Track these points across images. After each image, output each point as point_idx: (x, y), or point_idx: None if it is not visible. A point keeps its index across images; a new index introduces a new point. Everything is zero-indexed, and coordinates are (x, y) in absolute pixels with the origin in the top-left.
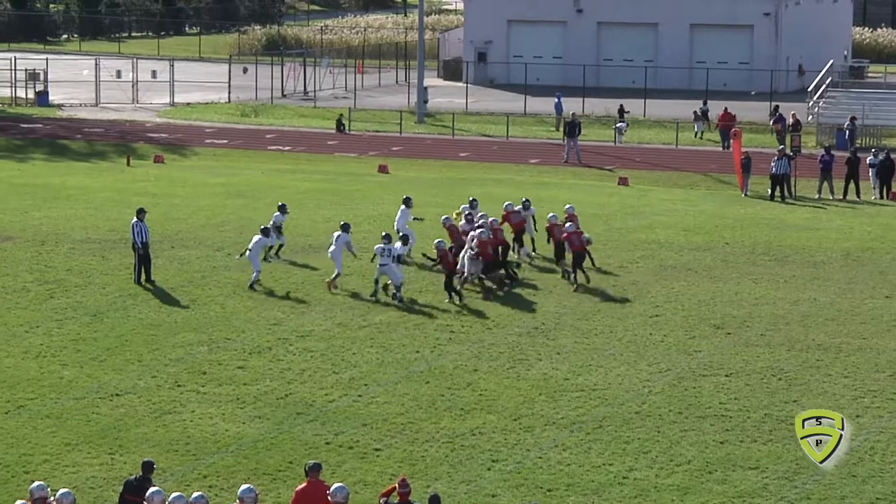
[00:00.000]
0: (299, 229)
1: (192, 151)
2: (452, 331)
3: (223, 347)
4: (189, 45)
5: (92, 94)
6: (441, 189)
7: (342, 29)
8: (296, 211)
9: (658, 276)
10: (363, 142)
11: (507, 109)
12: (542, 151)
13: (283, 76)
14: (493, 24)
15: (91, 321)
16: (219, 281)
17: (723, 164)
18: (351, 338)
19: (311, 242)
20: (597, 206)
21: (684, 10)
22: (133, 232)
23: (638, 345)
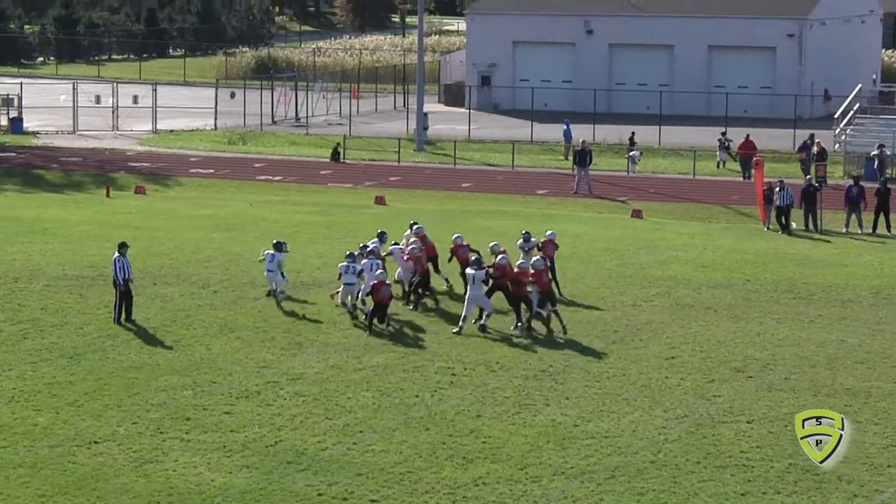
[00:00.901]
0: (290, 265)
1: (176, 182)
2: (454, 373)
3: (209, 392)
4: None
5: (69, 121)
6: (442, 222)
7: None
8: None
9: (674, 315)
10: (359, 171)
11: (513, 137)
12: (550, 182)
13: (273, 101)
14: (497, 45)
15: (67, 364)
16: (204, 320)
17: (744, 196)
18: (345, 381)
19: (304, 279)
20: (609, 240)
21: (702, 31)
22: (115, 267)
23: (653, 389)
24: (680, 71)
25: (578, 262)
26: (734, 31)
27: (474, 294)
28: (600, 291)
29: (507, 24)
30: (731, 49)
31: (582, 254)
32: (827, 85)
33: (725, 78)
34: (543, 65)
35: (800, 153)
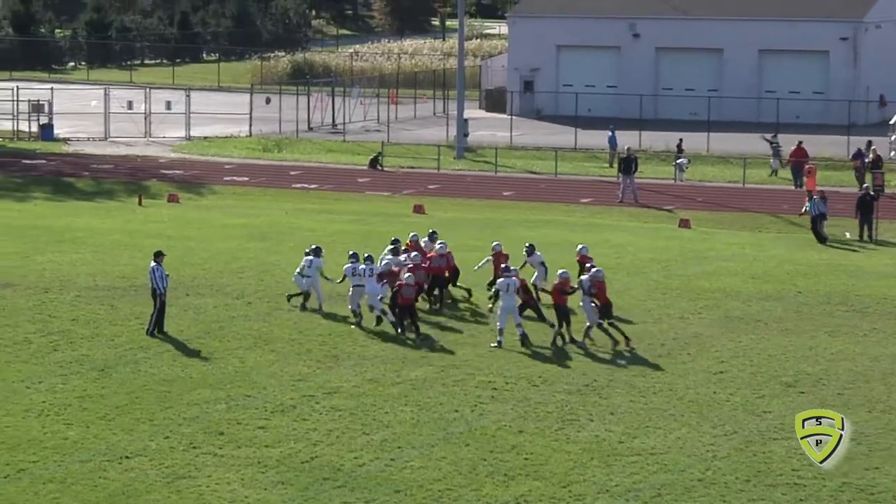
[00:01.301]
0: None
1: (210, 190)
2: (495, 388)
3: (243, 405)
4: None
5: (100, 127)
6: (482, 231)
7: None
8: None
9: (723, 328)
10: (397, 179)
11: (556, 144)
12: (594, 190)
13: (309, 107)
14: (540, 49)
15: (98, 376)
16: (238, 332)
17: (795, 205)
18: (383, 395)
19: (340, 290)
20: (655, 251)
21: (752, 34)
22: (154, 276)
23: (700, 404)
24: (729, 75)
25: (624, 274)
26: (785, 34)
27: (508, 304)
28: (646, 304)
29: (550, 28)
30: (783, 53)
31: (627, 265)
32: (882, 90)
33: (776, 83)
34: (587, 69)
35: (854, 161)
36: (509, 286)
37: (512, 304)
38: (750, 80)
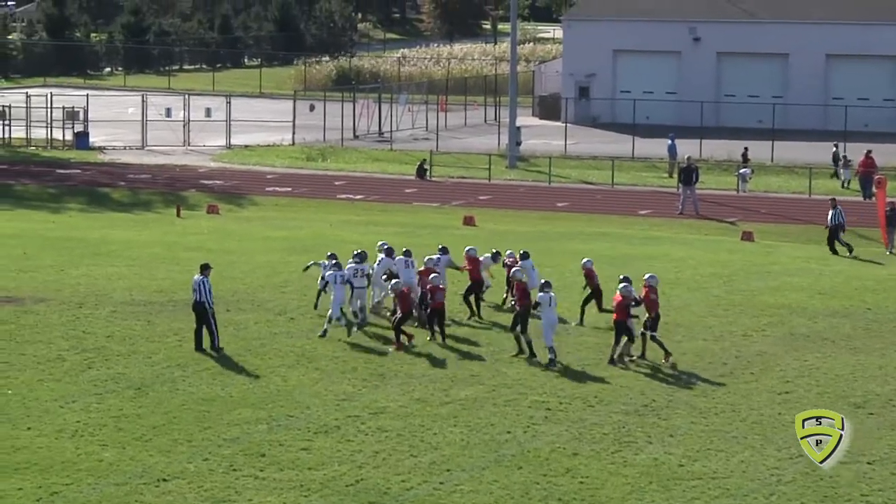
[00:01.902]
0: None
1: (251, 201)
2: (548, 408)
3: (285, 426)
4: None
5: (137, 136)
6: (535, 244)
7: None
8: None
9: (788, 346)
10: (446, 189)
11: (613, 153)
12: (652, 201)
13: (354, 114)
14: (596, 54)
15: (135, 395)
16: (280, 349)
17: (864, 217)
18: (431, 416)
19: (387, 305)
20: (717, 265)
21: (819, 37)
22: (203, 289)
23: (764, 426)
24: (794, 81)
25: (684, 289)
26: (854, 38)
27: (549, 319)
28: (707, 320)
29: (606, 32)
30: (851, 58)
31: (687, 279)
32: None
33: (844, 89)
34: (646, 75)
35: None
36: (551, 300)
37: (554, 319)
38: (816, 87)
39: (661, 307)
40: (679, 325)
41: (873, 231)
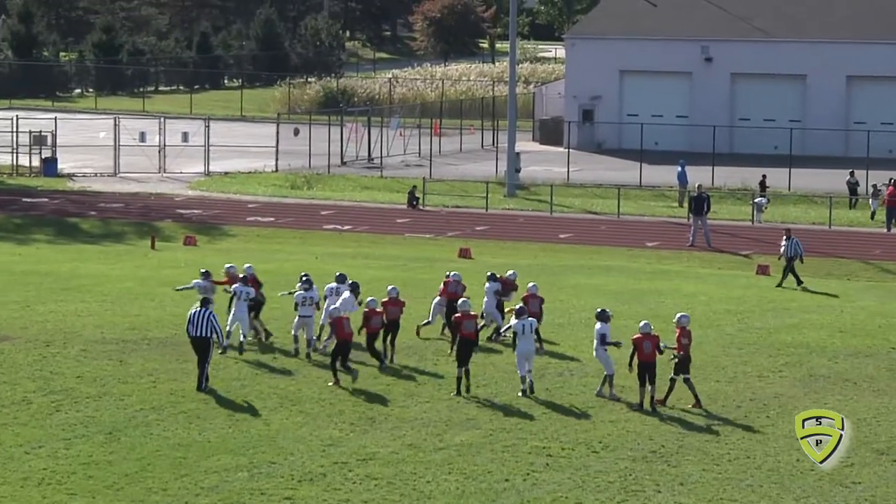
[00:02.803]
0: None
1: (231, 232)
2: (550, 454)
3: (267, 474)
4: (228, 102)
5: (109, 162)
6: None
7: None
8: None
9: (807, 387)
10: (440, 220)
11: (619, 180)
12: (661, 232)
13: (342, 139)
14: (601, 75)
15: (106, 440)
16: (262, 391)
17: (888, 249)
18: (424, 462)
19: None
20: (730, 301)
21: (839, 58)
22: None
23: (781, 474)
24: (813, 105)
25: (695, 326)
26: (877, 59)
27: (522, 347)
28: (720, 360)
29: (612, 51)
30: (874, 79)
31: (699, 316)
32: None
33: (867, 113)
34: (655, 97)
35: None
36: (525, 328)
37: (527, 348)
38: (837, 110)
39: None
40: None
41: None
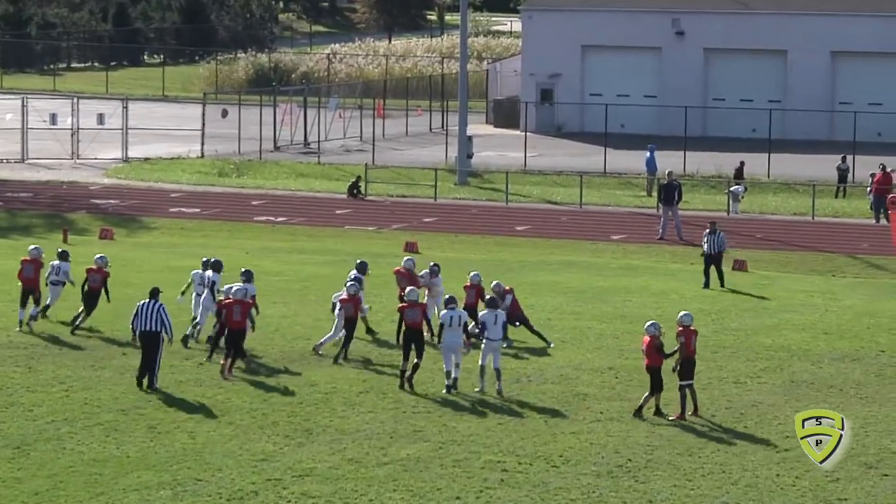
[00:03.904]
0: (297, 330)
1: (152, 224)
2: (505, 469)
3: (192, 492)
4: (149, 80)
5: (17, 146)
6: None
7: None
8: (294, 306)
9: (788, 395)
10: (384, 210)
11: (581, 167)
12: (628, 224)
13: (275, 121)
14: (561, 50)
15: (13, 456)
16: (187, 400)
17: (877, 243)
18: (367, 479)
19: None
20: (703, 299)
21: (823, 32)
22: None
23: (760, 490)
24: (795, 84)
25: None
26: (864, 33)
27: (447, 340)
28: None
29: (573, 24)
30: (861, 56)
31: (670, 316)
32: None
33: (853, 92)
34: (620, 75)
35: None
36: (452, 319)
37: (457, 342)
38: (820, 90)
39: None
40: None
41: (886, 259)
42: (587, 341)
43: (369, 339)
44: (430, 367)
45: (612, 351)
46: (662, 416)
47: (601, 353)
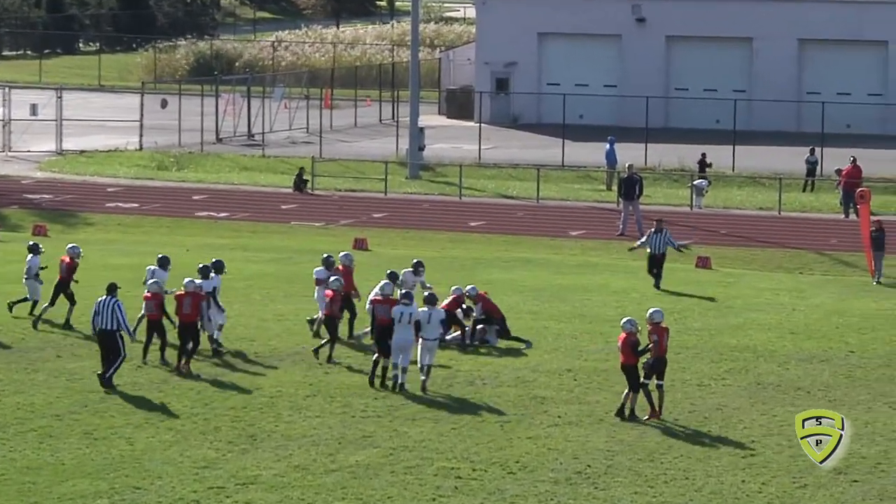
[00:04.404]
0: (240, 331)
1: (88, 220)
2: (459, 476)
3: (131, 501)
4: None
5: None
6: (443, 273)
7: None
8: (237, 306)
9: (753, 397)
10: (332, 206)
11: (538, 160)
12: (587, 219)
13: (217, 112)
14: (517, 38)
15: None
16: (125, 405)
17: (847, 238)
18: (314, 486)
19: (258, 349)
20: (666, 298)
21: (790, 19)
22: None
23: (725, 497)
24: (761, 73)
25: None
26: (833, 20)
27: (398, 337)
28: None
29: (530, 11)
30: (830, 44)
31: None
32: None
33: (821, 82)
34: (579, 64)
35: None
36: (402, 316)
37: (404, 338)
38: (787, 79)
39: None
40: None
41: (855, 256)
42: (544, 342)
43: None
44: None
45: (570, 352)
46: (636, 419)
47: (559, 355)
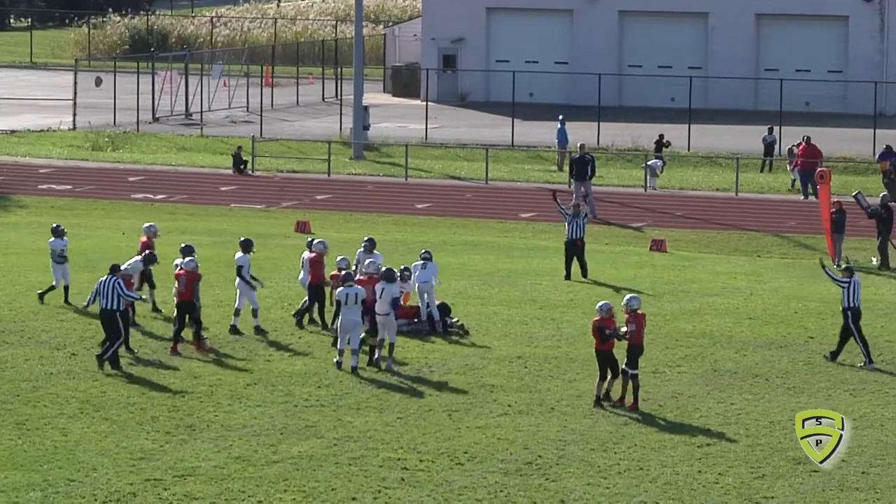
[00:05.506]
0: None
1: (19, 202)
2: (405, 467)
3: (65, 493)
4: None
5: None
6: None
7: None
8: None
9: (710, 385)
10: (273, 187)
11: (487, 139)
12: (537, 201)
13: (154, 90)
14: (464, 13)
15: None
16: (58, 394)
17: (805, 220)
18: (255, 478)
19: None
20: (619, 282)
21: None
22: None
23: (680, 488)
24: (717, 49)
25: (578, 313)
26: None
27: (344, 318)
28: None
29: None
30: (789, 19)
31: (582, 301)
32: None
33: (780, 58)
34: (529, 40)
35: (882, 162)
36: (349, 297)
37: (354, 320)
38: (744, 55)
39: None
40: (572, 360)
41: (815, 238)
42: (494, 328)
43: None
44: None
45: (520, 338)
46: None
47: (509, 341)
